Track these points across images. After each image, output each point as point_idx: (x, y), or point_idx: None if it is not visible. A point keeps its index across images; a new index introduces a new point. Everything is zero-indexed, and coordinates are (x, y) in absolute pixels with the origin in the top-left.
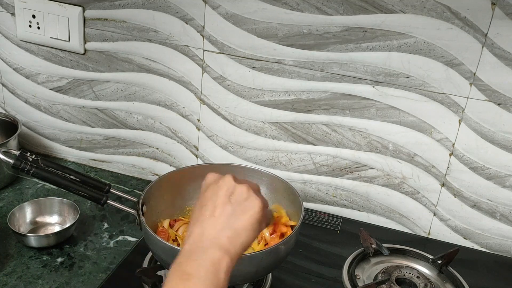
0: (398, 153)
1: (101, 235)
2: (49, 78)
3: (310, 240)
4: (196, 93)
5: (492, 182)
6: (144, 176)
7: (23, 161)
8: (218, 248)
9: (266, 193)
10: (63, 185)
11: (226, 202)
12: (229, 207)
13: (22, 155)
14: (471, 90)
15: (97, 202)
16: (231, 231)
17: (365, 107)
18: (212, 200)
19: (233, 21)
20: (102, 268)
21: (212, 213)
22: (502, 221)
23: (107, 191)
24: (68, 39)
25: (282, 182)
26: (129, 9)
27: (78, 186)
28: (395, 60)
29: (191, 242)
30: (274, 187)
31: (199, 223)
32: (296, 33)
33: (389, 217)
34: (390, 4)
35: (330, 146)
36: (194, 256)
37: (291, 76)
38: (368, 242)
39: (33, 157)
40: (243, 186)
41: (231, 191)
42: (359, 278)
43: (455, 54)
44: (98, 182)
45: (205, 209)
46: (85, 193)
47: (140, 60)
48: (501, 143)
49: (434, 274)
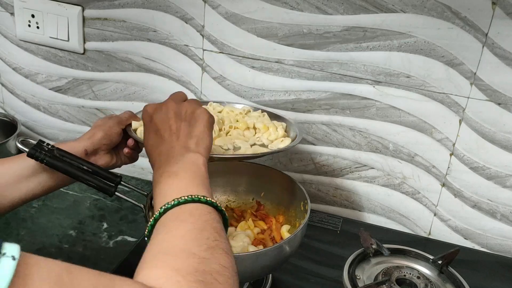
0: (398, 153)
1: (100, 235)
2: (49, 78)
3: (310, 240)
4: (196, 93)
5: (492, 182)
6: (143, 176)
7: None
8: (191, 152)
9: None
10: (73, 174)
11: (178, 119)
12: (183, 123)
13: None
14: (471, 90)
15: (106, 192)
16: (195, 139)
17: (365, 107)
18: (164, 123)
19: (233, 20)
20: (101, 268)
21: (170, 132)
22: (502, 221)
23: (117, 183)
24: (67, 39)
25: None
26: (128, 8)
27: (88, 177)
28: (395, 60)
29: (165, 157)
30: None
31: (164, 143)
32: (296, 32)
33: (389, 217)
34: (391, 3)
35: (330, 146)
36: (174, 161)
37: (291, 76)
38: (368, 242)
39: (49, 147)
40: (185, 103)
41: (178, 109)
42: (360, 278)
43: (456, 53)
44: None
45: (162, 132)
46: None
47: (139, 59)
48: (502, 143)
49: (434, 274)
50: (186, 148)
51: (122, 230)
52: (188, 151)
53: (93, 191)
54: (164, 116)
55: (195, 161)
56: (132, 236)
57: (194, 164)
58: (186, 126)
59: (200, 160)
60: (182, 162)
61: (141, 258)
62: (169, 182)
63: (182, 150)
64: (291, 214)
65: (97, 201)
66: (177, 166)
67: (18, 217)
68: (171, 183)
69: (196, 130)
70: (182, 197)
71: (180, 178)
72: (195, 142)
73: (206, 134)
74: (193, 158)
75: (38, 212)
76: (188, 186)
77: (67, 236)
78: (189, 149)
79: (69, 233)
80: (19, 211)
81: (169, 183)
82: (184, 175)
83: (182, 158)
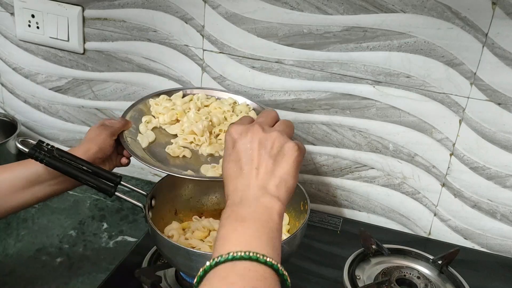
0: (398, 153)
1: (101, 235)
2: (48, 78)
3: (310, 241)
4: None
5: (492, 182)
6: (143, 176)
7: (37, 150)
8: (268, 196)
9: None
10: (72, 174)
11: (263, 154)
12: (268, 158)
13: (39, 145)
14: (471, 90)
15: (105, 192)
16: (277, 179)
17: (366, 107)
18: (247, 154)
19: (233, 20)
20: (101, 268)
21: (251, 166)
22: (502, 221)
23: (117, 183)
24: (67, 39)
25: None
26: (128, 8)
27: (88, 177)
28: (395, 60)
29: (239, 194)
30: None
31: (241, 177)
32: (296, 32)
33: (389, 217)
34: (391, 3)
35: (330, 146)
36: (246, 204)
37: (291, 76)
38: (368, 242)
39: (48, 147)
40: (274, 133)
41: (264, 141)
42: (360, 278)
43: (456, 53)
44: (110, 173)
45: (243, 163)
46: (94, 184)
47: (139, 59)
48: (502, 143)
49: (434, 274)
50: (264, 189)
51: (122, 230)
52: (265, 193)
53: (93, 191)
54: (248, 145)
55: (269, 207)
56: (133, 236)
57: (267, 211)
58: (270, 162)
59: (276, 206)
60: (255, 207)
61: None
62: (232, 228)
63: (258, 192)
64: (291, 214)
65: (97, 201)
66: (247, 210)
67: (18, 217)
68: (234, 230)
69: (280, 169)
70: (238, 253)
71: (247, 226)
72: (276, 184)
73: (291, 175)
74: (269, 204)
75: (39, 212)
76: (252, 239)
77: (67, 236)
78: (267, 191)
79: (70, 233)
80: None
81: (232, 229)
82: (252, 223)
83: (255, 202)
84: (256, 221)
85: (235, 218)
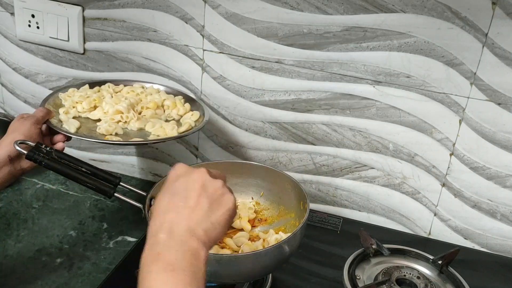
0: (398, 153)
1: (101, 235)
2: (49, 78)
3: (310, 241)
4: (196, 93)
5: (492, 182)
6: (143, 176)
7: (36, 152)
8: (196, 240)
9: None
10: (72, 176)
11: (202, 195)
12: (205, 201)
13: (37, 147)
14: (471, 90)
15: (105, 194)
16: (208, 224)
17: (366, 107)
18: (186, 191)
19: (233, 20)
20: (102, 268)
21: (186, 203)
22: (502, 221)
23: (116, 184)
24: (67, 39)
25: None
26: (128, 8)
27: (87, 178)
28: (395, 60)
29: (167, 231)
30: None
31: (173, 212)
32: (296, 32)
33: (389, 217)
34: (391, 3)
35: (330, 146)
36: (174, 247)
37: (291, 76)
38: (368, 242)
39: (47, 149)
40: (218, 181)
41: (206, 184)
42: (360, 278)
43: (456, 53)
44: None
45: (178, 199)
46: (93, 185)
47: (139, 59)
48: (502, 143)
49: (434, 274)
50: (192, 232)
51: (122, 231)
52: (193, 237)
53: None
54: (190, 184)
55: (195, 254)
56: (132, 236)
57: (195, 259)
58: (206, 206)
59: (202, 254)
60: (183, 253)
61: None
62: (162, 280)
63: (186, 234)
64: (291, 214)
65: (97, 201)
66: (175, 256)
67: (18, 217)
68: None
69: (214, 216)
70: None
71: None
72: (206, 229)
73: (222, 225)
74: (195, 251)
75: (39, 213)
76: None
77: (67, 236)
78: (195, 234)
79: (70, 234)
80: (19, 211)
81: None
82: (182, 274)
83: (182, 246)
84: (185, 271)
85: (164, 266)
